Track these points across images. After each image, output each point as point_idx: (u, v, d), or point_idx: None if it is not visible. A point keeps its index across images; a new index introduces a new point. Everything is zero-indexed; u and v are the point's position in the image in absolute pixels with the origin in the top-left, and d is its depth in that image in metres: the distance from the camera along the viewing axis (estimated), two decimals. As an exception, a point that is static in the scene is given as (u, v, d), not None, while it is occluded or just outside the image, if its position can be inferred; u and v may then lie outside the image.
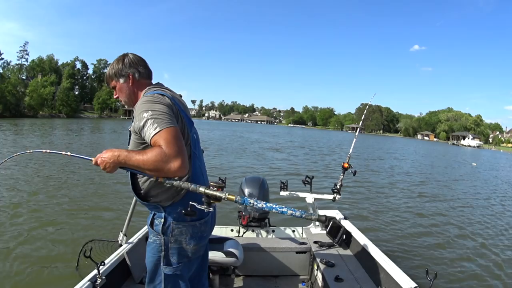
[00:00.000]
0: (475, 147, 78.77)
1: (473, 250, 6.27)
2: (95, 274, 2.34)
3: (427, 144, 72.34)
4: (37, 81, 63.99)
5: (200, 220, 1.80)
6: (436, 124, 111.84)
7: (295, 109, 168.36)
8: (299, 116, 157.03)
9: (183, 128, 1.72)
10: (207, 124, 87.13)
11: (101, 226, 5.91)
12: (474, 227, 7.79)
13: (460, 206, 10.00)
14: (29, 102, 58.78)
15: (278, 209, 1.27)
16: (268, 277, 3.57)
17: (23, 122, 39.59)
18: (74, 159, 2.19)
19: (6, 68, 64.95)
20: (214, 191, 1.48)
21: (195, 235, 1.79)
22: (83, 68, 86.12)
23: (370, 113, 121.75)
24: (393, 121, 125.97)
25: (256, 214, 3.69)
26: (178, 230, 1.74)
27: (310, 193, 3.90)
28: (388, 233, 6.78)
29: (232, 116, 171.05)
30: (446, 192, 12.61)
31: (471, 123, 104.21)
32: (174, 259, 1.77)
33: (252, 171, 13.95)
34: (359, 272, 3.01)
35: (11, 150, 14.16)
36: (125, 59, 1.88)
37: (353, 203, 8.94)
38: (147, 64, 1.95)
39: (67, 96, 67.97)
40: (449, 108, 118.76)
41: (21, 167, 10.33)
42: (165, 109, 1.62)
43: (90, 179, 9.52)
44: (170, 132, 1.54)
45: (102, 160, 1.62)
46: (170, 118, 1.60)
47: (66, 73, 76.65)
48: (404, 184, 13.66)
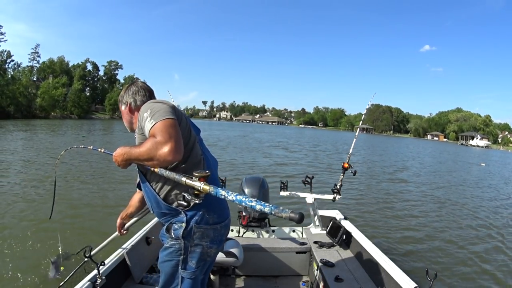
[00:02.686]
0: (484, 147, 77.90)
1: (474, 250, 6.22)
2: (95, 274, 2.35)
3: (435, 144, 71.62)
4: (49, 82, 64.65)
5: (221, 223, 1.82)
6: (445, 125, 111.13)
7: (306, 110, 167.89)
8: (310, 117, 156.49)
9: (188, 128, 1.77)
10: (217, 125, 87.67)
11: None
12: (475, 227, 7.73)
13: (461, 207, 9.89)
14: (40, 103, 59.46)
15: (247, 203, 1.25)
16: (268, 277, 3.58)
17: (34, 123, 40.06)
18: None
19: (16, 70, 65.59)
20: (194, 181, 1.48)
21: (216, 238, 1.81)
22: (94, 69, 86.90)
23: (380, 114, 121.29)
24: (403, 121, 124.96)
25: (256, 214, 3.70)
26: (199, 234, 1.74)
27: (310, 193, 3.89)
28: (388, 233, 6.75)
29: (243, 117, 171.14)
30: (448, 192, 12.48)
31: (480, 123, 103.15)
32: (193, 263, 1.77)
33: (259, 169, 14.11)
34: (359, 272, 3.01)
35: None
36: (129, 87, 2.02)
37: (354, 203, 8.91)
38: (148, 93, 2.02)
39: (79, 98, 68.73)
40: (458, 108, 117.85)
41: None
42: (164, 106, 1.69)
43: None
44: (164, 123, 1.60)
45: (114, 158, 1.74)
46: (168, 113, 1.66)
47: (77, 75, 77.53)
48: (405, 184, 13.58)
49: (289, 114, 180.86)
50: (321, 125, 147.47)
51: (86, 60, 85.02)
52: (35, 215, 6.20)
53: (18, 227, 5.61)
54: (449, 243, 6.49)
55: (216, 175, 1.93)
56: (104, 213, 6.68)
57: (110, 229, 3.00)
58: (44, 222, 5.72)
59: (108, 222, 5.61)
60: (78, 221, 6.15)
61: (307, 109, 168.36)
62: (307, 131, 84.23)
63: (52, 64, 76.86)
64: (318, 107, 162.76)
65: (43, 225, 5.61)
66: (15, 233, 5.33)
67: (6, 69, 59.21)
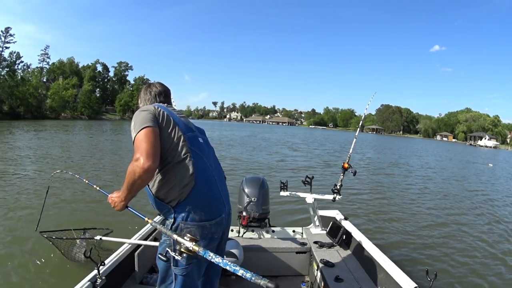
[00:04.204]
0: (492, 147, 77.19)
1: (474, 250, 6.16)
2: (95, 274, 2.36)
3: (443, 144, 70.83)
4: (59, 83, 65.39)
5: (210, 221, 1.81)
6: (455, 125, 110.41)
7: (316, 111, 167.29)
8: (320, 118, 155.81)
9: (172, 128, 1.83)
10: (227, 125, 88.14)
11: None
12: (475, 228, 7.66)
13: (462, 207, 9.78)
14: (51, 104, 60.16)
15: (231, 267, 1.37)
16: (268, 277, 3.55)
17: (45, 123, 40.58)
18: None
19: (26, 71, 65.98)
20: (185, 240, 1.55)
21: (206, 236, 1.80)
22: (104, 70, 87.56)
23: (390, 115, 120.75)
24: (413, 122, 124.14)
25: (256, 214, 3.69)
26: (186, 231, 1.74)
27: (310, 193, 3.88)
28: (388, 233, 6.71)
29: (254, 118, 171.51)
30: (449, 192, 12.31)
31: (489, 124, 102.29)
32: (183, 260, 1.76)
33: (264, 167, 14.23)
34: (359, 272, 3.01)
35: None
36: (141, 91, 2.20)
37: (354, 203, 8.85)
38: (153, 94, 2.15)
39: (89, 98, 69.45)
40: (467, 108, 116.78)
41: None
42: (143, 115, 1.80)
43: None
44: (140, 134, 1.72)
45: (112, 200, 1.87)
46: (145, 121, 1.76)
47: (87, 76, 78.22)
48: (405, 184, 13.46)
49: (299, 114, 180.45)
50: (331, 126, 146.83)
51: (96, 61, 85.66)
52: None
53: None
54: (449, 243, 6.45)
55: (210, 175, 1.90)
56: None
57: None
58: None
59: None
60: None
61: (317, 110, 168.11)
62: (317, 132, 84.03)
63: (61, 65, 77.76)
64: (328, 107, 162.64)
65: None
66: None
67: (16, 70, 59.58)
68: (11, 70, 56.31)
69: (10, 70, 55.98)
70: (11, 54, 58.67)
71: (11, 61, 58.06)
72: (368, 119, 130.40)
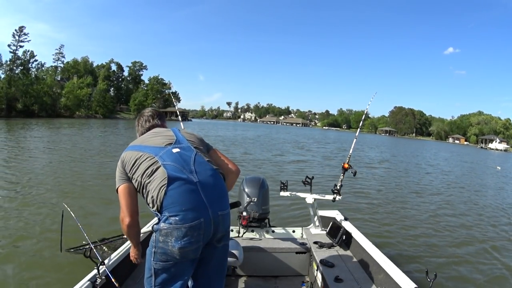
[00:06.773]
0: (502, 150, 76.10)
1: (474, 250, 6.15)
2: (95, 274, 2.38)
3: (454, 147, 69.75)
4: (73, 82, 66.37)
5: (185, 224, 1.80)
6: (467, 128, 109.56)
7: (330, 112, 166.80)
8: (333, 119, 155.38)
9: (140, 163, 1.96)
10: (242, 126, 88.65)
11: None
12: (476, 228, 7.63)
13: (463, 208, 9.70)
14: (65, 103, 61.00)
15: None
16: (268, 278, 3.58)
17: (60, 121, 41.15)
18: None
19: (40, 69, 66.76)
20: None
21: (180, 239, 1.80)
22: (118, 70, 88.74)
23: (403, 117, 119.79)
24: (426, 124, 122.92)
25: (256, 214, 3.68)
26: (164, 231, 1.80)
27: (310, 194, 3.87)
28: (388, 233, 6.70)
29: (268, 118, 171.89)
30: (450, 192, 12.26)
31: (500, 127, 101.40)
32: (163, 257, 1.84)
33: (273, 165, 14.37)
34: (358, 273, 3.00)
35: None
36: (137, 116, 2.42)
37: (354, 203, 8.82)
38: (141, 127, 2.32)
39: (104, 98, 70.45)
40: (479, 111, 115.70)
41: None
42: (117, 171, 2.03)
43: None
44: (118, 195, 1.99)
45: (133, 257, 2.25)
46: (117, 180, 2.01)
47: (101, 75, 79.29)
48: (406, 184, 13.41)
49: (313, 116, 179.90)
50: (344, 127, 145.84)
51: (110, 61, 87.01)
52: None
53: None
54: (449, 243, 6.43)
55: (188, 180, 1.87)
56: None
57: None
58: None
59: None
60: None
61: (331, 111, 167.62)
62: (330, 133, 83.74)
63: (76, 64, 78.78)
64: (342, 109, 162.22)
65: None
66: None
67: (30, 68, 60.34)
68: (25, 69, 57.07)
69: (24, 69, 56.74)
70: (25, 53, 59.27)
71: (25, 59, 58.70)
72: (381, 121, 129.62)
